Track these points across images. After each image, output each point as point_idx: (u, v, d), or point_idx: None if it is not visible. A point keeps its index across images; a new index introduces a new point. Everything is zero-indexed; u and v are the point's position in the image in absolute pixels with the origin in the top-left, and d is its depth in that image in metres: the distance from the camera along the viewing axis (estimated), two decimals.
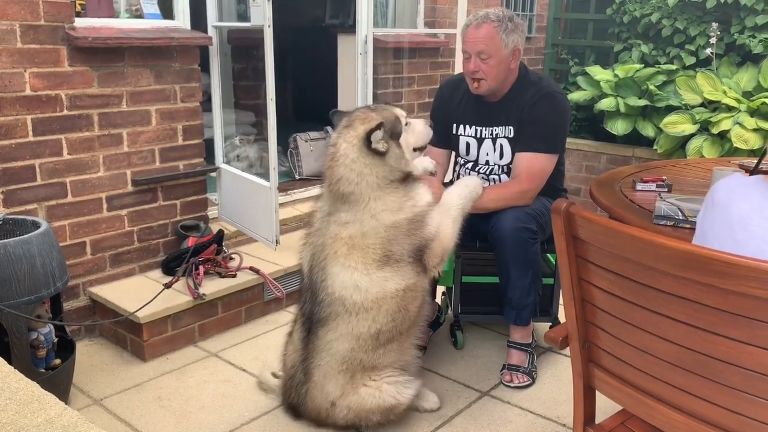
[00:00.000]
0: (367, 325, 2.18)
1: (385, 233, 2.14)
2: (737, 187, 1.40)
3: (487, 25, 2.55)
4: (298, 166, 4.47)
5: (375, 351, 2.23)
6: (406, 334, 2.31)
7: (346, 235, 2.15)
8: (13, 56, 2.59)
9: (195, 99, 3.22)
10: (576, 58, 5.53)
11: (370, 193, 2.14)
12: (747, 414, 1.23)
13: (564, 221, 1.40)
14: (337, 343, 2.22)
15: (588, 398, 1.60)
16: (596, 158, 4.96)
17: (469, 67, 2.61)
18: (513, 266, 2.60)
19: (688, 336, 1.26)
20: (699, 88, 4.36)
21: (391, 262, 2.16)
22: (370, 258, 2.14)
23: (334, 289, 2.17)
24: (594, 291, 1.45)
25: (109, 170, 2.96)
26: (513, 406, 2.57)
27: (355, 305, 2.16)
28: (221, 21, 3.49)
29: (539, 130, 2.63)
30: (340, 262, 2.16)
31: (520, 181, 2.64)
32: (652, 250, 1.23)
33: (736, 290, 1.12)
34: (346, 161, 2.14)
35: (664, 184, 2.40)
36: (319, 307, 2.22)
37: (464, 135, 2.80)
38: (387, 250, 2.14)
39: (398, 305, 2.20)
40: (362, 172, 2.13)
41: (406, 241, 2.17)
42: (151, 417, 2.44)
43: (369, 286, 2.14)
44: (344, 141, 2.16)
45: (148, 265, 3.20)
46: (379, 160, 2.14)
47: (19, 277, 2.19)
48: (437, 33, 4.69)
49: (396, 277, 2.17)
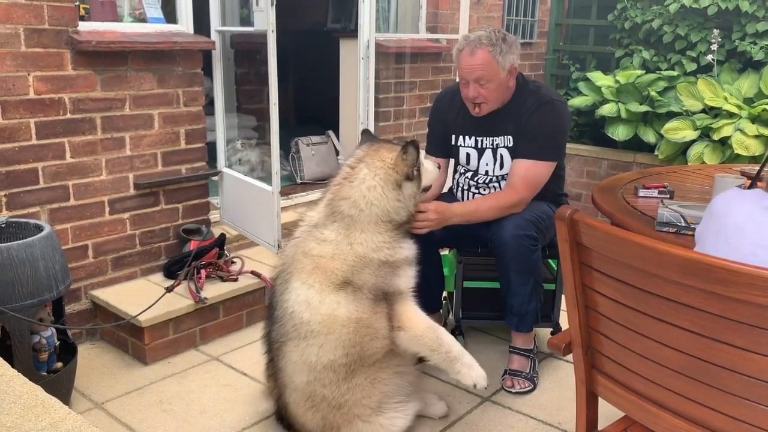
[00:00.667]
0: (316, 352, 2.08)
1: (352, 261, 2.09)
2: (735, 198, 1.42)
3: (481, 51, 2.52)
4: (299, 170, 4.48)
5: (337, 386, 2.12)
6: (375, 367, 2.18)
7: (317, 252, 2.11)
8: (17, 60, 2.60)
9: (198, 103, 3.23)
10: (577, 63, 5.54)
11: (364, 224, 2.12)
12: (749, 421, 1.23)
13: (568, 228, 1.41)
14: (295, 375, 2.15)
15: (591, 405, 1.61)
16: (597, 164, 4.96)
17: (469, 93, 2.59)
18: (514, 273, 2.60)
19: (691, 343, 1.26)
20: (700, 95, 4.37)
21: (349, 289, 2.07)
22: (329, 280, 2.07)
23: (289, 304, 2.11)
24: (597, 298, 1.45)
25: (111, 174, 2.97)
26: (514, 411, 2.57)
27: (302, 324, 2.07)
28: (224, 25, 3.51)
29: (537, 138, 2.63)
30: (302, 278, 2.10)
31: (514, 190, 2.62)
32: (655, 257, 1.24)
33: (739, 298, 1.13)
34: (362, 186, 2.13)
35: (666, 190, 2.40)
36: (277, 326, 2.16)
37: (464, 146, 2.80)
38: (347, 278, 2.07)
39: (350, 339, 2.07)
40: (372, 201, 2.12)
41: (370, 278, 2.10)
42: (152, 421, 2.44)
43: (319, 305, 2.06)
44: (367, 167, 2.15)
45: (149, 268, 3.20)
46: (394, 193, 2.14)
47: (22, 280, 2.19)
48: (439, 38, 4.70)
49: (349, 305, 2.06)
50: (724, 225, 1.41)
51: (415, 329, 2.17)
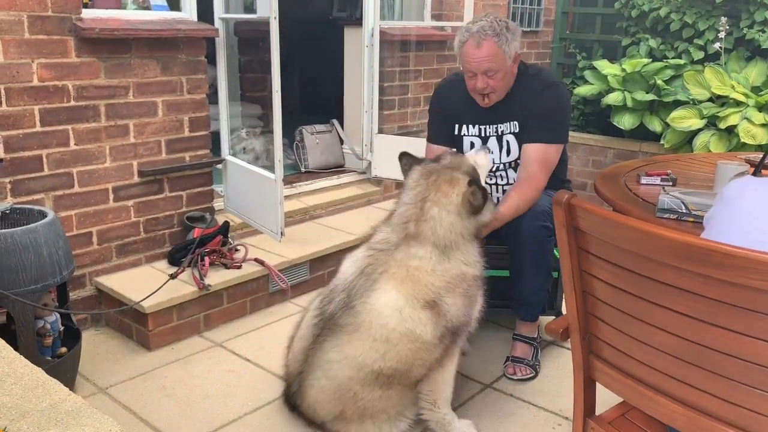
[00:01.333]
0: (375, 357, 2.07)
1: (449, 278, 2.10)
2: (748, 184, 1.41)
3: (487, 42, 2.49)
4: (304, 159, 4.48)
5: (372, 391, 2.13)
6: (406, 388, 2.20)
7: (414, 265, 2.09)
8: (21, 47, 2.61)
9: (201, 91, 3.23)
10: (584, 52, 5.50)
11: (458, 245, 2.13)
12: (745, 405, 1.23)
13: (565, 213, 1.41)
14: (339, 366, 2.13)
15: (588, 390, 1.61)
16: (603, 153, 4.94)
17: (477, 85, 2.56)
18: (528, 263, 2.59)
19: (687, 327, 1.26)
20: (707, 83, 4.34)
21: (435, 311, 2.08)
22: (420, 295, 2.06)
23: (378, 304, 2.08)
24: (595, 282, 1.45)
25: (115, 161, 2.98)
26: (515, 398, 2.58)
27: (382, 327, 2.06)
28: (228, 13, 3.50)
29: (547, 121, 2.62)
30: (394, 284, 2.08)
31: (532, 177, 2.60)
32: (651, 241, 1.24)
33: (734, 281, 1.13)
34: (443, 225, 2.11)
35: (669, 177, 2.39)
36: (347, 313, 2.11)
37: (468, 135, 2.78)
38: (438, 296, 2.08)
39: (408, 357, 2.08)
40: (458, 232, 2.13)
41: (459, 300, 2.11)
42: (156, 405, 2.46)
43: (408, 318, 2.05)
44: (436, 206, 2.12)
45: (154, 255, 3.22)
46: (472, 219, 2.14)
47: (26, 265, 2.21)
48: (444, 26, 4.68)
49: (427, 327, 2.06)
50: (734, 210, 1.40)
51: (444, 375, 2.23)
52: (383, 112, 4.44)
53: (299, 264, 3.39)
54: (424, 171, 2.21)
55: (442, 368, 2.21)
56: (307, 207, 3.99)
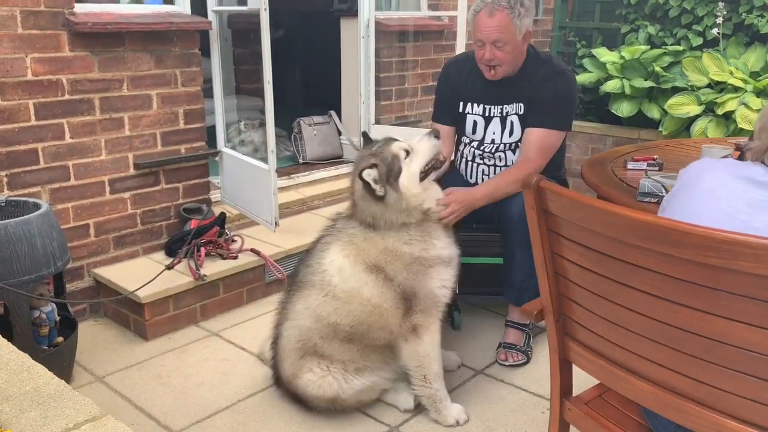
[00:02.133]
0: (329, 311, 2.22)
1: (385, 253, 2.20)
2: (707, 166, 1.42)
3: (500, 12, 2.52)
4: (301, 150, 4.50)
5: (330, 342, 2.27)
6: (369, 347, 2.30)
7: (353, 232, 2.26)
8: (14, 41, 2.65)
9: (196, 83, 3.26)
10: (583, 40, 5.48)
11: (386, 231, 2.22)
12: (710, 383, 1.25)
13: (534, 195, 1.42)
14: (302, 316, 2.29)
15: (564, 371, 1.63)
16: (602, 141, 4.93)
17: (485, 55, 2.59)
18: (519, 248, 2.60)
19: (653, 306, 1.27)
20: (705, 69, 4.32)
21: (380, 275, 2.19)
22: (363, 259, 2.20)
23: (324, 262, 2.26)
24: (566, 264, 1.47)
25: (111, 154, 3.02)
26: (506, 384, 2.60)
27: (329, 285, 2.23)
28: (221, 5, 3.52)
29: (552, 107, 2.64)
30: (342, 247, 2.25)
31: (530, 160, 2.63)
32: (616, 221, 1.25)
33: (694, 260, 1.14)
34: (362, 205, 2.25)
35: (655, 162, 2.40)
36: (305, 271, 2.31)
37: (471, 113, 2.80)
38: (380, 264, 2.19)
39: (362, 317, 2.21)
40: (375, 214, 2.22)
41: (401, 272, 2.20)
42: (151, 393, 2.51)
43: (349, 277, 2.20)
44: (356, 183, 2.25)
45: (151, 247, 3.26)
46: (382, 204, 2.20)
47: (20, 256, 2.25)
48: (441, 16, 4.68)
49: (374, 290, 2.19)
50: (694, 191, 1.41)
51: (424, 347, 2.28)
52: (380, 103, 4.46)
53: (295, 254, 3.41)
54: (356, 158, 2.41)
55: (419, 339, 2.27)
56: (304, 198, 4.02)
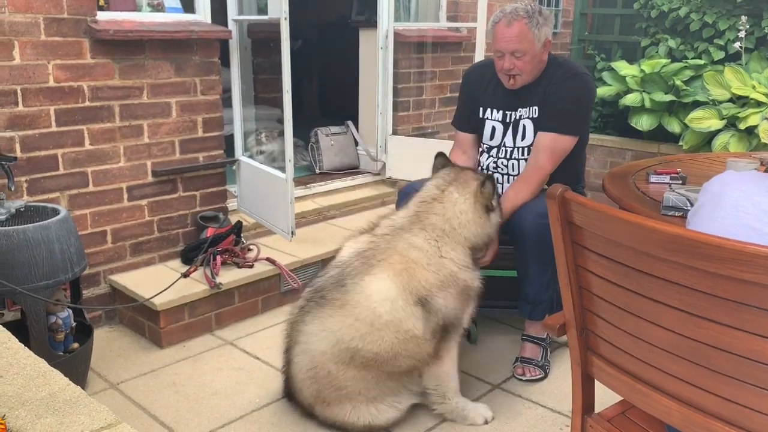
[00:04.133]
0: (353, 335, 2.12)
1: (442, 276, 2.15)
2: (731, 179, 1.40)
3: (518, 22, 2.53)
4: (318, 160, 4.50)
5: (345, 370, 2.17)
6: (386, 375, 2.22)
7: (412, 256, 2.15)
8: (38, 48, 2.67)
9: (215, 92, 3.27)
10: (602, 53, 5.45)
11: (455, 243, 2.20)
12: (738, 401, 1.21)
13: (559, 207, 1.40)
14: (317, 339, 2.18)
15: (587, 387, 1.59)
16: (621, 154, 4.89)
17: (504, 65, 2.60)
18: (533, 261, 2.58)
19: (680, 322, 1.24)
20: (727, 83, 4.27)
21: (425, 309, 2.13)
22: (414, 289, 2.12)
23: (367, 288, 2.12)
24: (590, 277, 1.44)
25: (129, 161, 3.03)
26: (524, 399, 2.56)
27: (368, 311, 2.11)
28: (241, 14, 3.54)
29: (565, 111, 2.62)
30: (389, 274, 2.13)
31: (540, 167, 2.62)
32: (643, 234, 1.22)
33: (724, 274, 1.11)
34: (455, 207, 2.24)
35: (679, 176, 2.36)
36: (336, 289, 2.17)
37: (490, 119, 2.80)
38: (431, 295, 2.13)
39: (392, 346, 2.13)
40: (463, 223, 2.22)
41: (449, 302, 2.17)
42: (165, 401, 2.49)
43: (395, 309, 2.10)
44: (457, 191, 2.26)
45: (167, 254, 3.26)
46: (482, 219, 2.24)
47: (38, 261, 2.25)
48: (459, 27, 4.68)
49: (418, 323, 2.12)
50: (719, 204, 1.38)
51: (444, 368, 2.28)
52: (398, 114, 4.45)
53: (311, 264, 3.41)
54: (454, 169, 2.37)
55: (441, 362, 2.25)
56: (320, 208, 4.01)
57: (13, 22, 2.58)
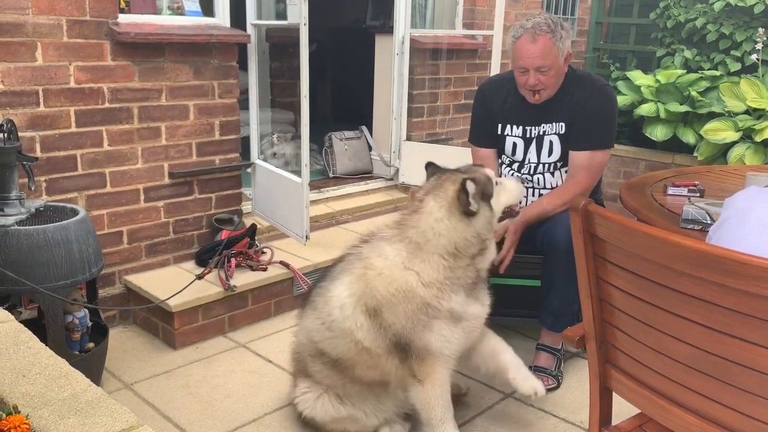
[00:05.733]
0: (320, 338, 2.18)
1: (394, 290, 2.03)
2: (757, 195, 1.39)
3: (542, 38, 2.49)
4: (332, 165, 4.51)
5: (313, 363, 2.24)
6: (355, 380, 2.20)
7: (373, 264, 2.09)
8: (59, 50, 2.70)
9: (232, 95, 3.29)
10: (617, 62, 5.45)
11: (428, 254, 2.05)
12: (760, 418, 1.21)
13: (582, 219, 1.40)
14: (302, 332, 2.30)
15: (604, 399, 1.60)
16: (635, 164, 4.87)
17: (529, 81, 2.57)
18: (561, 274, 2.54)
19: (704, 337, 1.24)
20: (743, 95, 4.26)
21: (376, 320, 2.06)
22: (366, 300, 2.06)
23: (331, 293, 2.15)
24: (611, 290, 1.44)
25: (147, 162, 3.05)
26: (536, 408, 2.55)
27: (328, 316, 2.14)
28: (260, 19, 3.56)
29: (595, 126, 2.62)
30: (348, 280, 2.12)
31: (578, 183, 2.62)
32: (667, 249, 1.22)
33: (751, 291, 1.11)
34: (429, 218, 2.06)
35: (697, 188, 2.36)
36: (316, 290, 2.26)
37: (511, 135, 2.78)
38: (381, 308, 2.04)
39: (349, 355, 2.11)
40: (440, 233, 2.04)
41: (400, 319, 2.04)
42: (178, 403, 2.50)
43: (347, 317, 2.08)
44: (433, 199, 2.09)
45: (182, 256, 3.28)
46: (462, 225, 2.04)
47: (57, 261, 2.27)
48: (475, 34, 4.69)
49: (367, 334, 2.06)
50: (745, 221, 1.38)
51: (426, 395, 2.12)
52: (412, 120, 4.46)
53: (324, 268, 3.39)
54: (439, 175, 2.18)
55: (422, 386, 2.11)
56: (334, 212, 4.02)
57: (36, 23, 2.61)
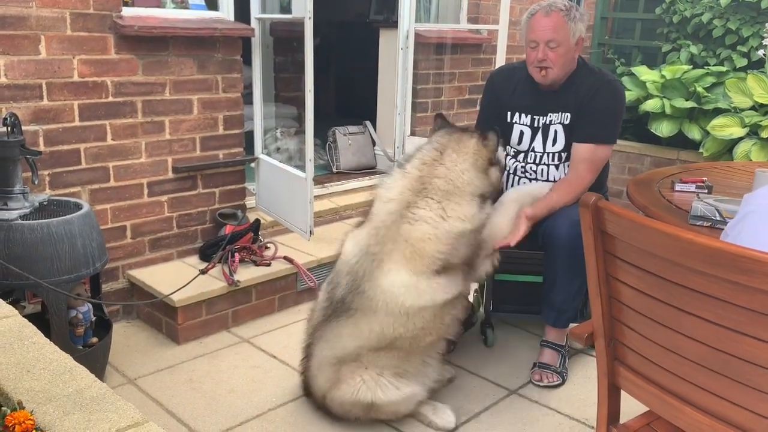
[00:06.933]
0: (393, 328, 2.15)
1: (448, 240, 2.17)
2: None
3: (556, 13, 2.54)
4: (335, 160, 4.50)
5: (377, 351, 2.21)
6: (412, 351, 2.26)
7: (414, 236, 2.14)
8: (63, 43, 2.68)
9: (236, 89, 3.27)
10: (623, 58, 5.42)
11: (459, 198, 2.22)
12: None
13: (592, 215, 1.38)
14: (348, 338, 2.20)
15: (612, 397, 1.58)
16: (639, 160, 4.86)
17: (537, 55, 2.59)
18: (563, 270, 2.56)
19: (715, 335, 1.23)
20: (749, 91, 4.23)
21: (447, 271, 2.18)
22: (429, 266, 2.14)
23: (385, 285, 2.13)
24: (621, 287, 1.42)
25: (150, 157, 3.04)
26: (541, 405, 2.54)
27: (400, 306, 2.12)
28: (264, 13, 3.54)
29: (600, 120, 2.62)
30: (401, 262, 2.13)
31: (581, 175, 2.62)
32: (680, 246, 1.21)
33: (764, 288, 1.09)
34: (456, 168, 2.25)
35: (705, 185, 2.34)
36: (357, 297, 2.16)
37: (519, 123, 2.78)
38: (446, 260, 2.16)
39: (435, 315, 2.19)
40: (467, 182, 2.25)
41: (465, 250, 2.23)
42: (182, 398, 2.50)
43: (424, 291, 2.13)
44: (456, 152, 2.28)
45: (186, 251, 3.27)
46: (482, 176, 2.28)
47: (61, 255, 2.26)
48: (480, 29, 4.66)
49: (449, 286, 2.19)
50: (763, 219, 1.36)
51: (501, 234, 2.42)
52: (416, 115, 4.44)
53: (328, 263, 3.39)
54: (450, 130, 2.39)
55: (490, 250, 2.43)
56: (337, 207, 4.01)
57: (40, 16, 2.59)
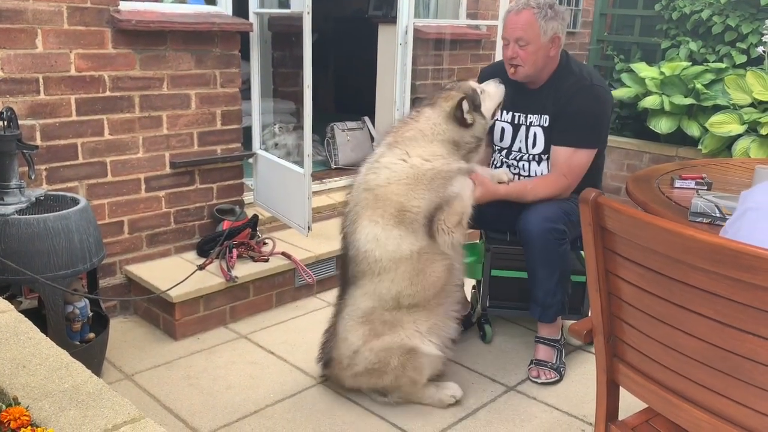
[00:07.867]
0: (387, 286, 2.27)
1: (405, 179, 2.24)
2: None
3: (526, 11, 2.56)
4: (334, 155, 4.49)
5: (398, 311, 2.31)
6: (434, 301, 2.35)
7: (374, 183, 2.28)
8: (60, 37, 2.66)
9: (234, 84, 3.26)
10: (622, 54, 5.41)
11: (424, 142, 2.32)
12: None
13: (592, 211, 1.38)
14: (362, 299, 2.33)
15: (611, 394, 1.58)
16: (638, 157, 4.85)
17: (507, 53, 2.62)
18: (540, 266, 2.58)
19: (715, 332, 1.22)
20: (749, 88, 4.22)
21: (406, 222, 2.24)
22: (389, 212, 2.23)
23: (361, 243, 2.27)
24: (621, 284, 1.42)
25: (148, 152, 3.02)
26: (538, 401, 2.54)
27: (376, 262, 2.25)
28: (262, 7, 3.52)
29: (577, 125, 2.59)
30: (367, 215, 2.27)
31: (560, 177, 2.62)
32: (681, 242, 1.20)
33: (765, 285, 1.09)
34: (428, 122, 2.36)
35: (704, 181, 2.33)
36: (353, 264, 2.32)
37: (500, 120, 2.79)
38: (403, 205, 2.23)
39: (414, 268, 2.27)
40: (437, 132, 2.35)
41: (424, 196, 2.25)
42: (179, 394, 2.49)
43: (386, 241, 2.23)
44: (430, 109, 2.40)
45: (183, 246, 3.26)
46: (463, 129, 2.37)
47: (57, 250, 2.25)
48: (479, 24, 4.65)
49: (410, 237, 2.25)
50: (761, 215, 1.35)
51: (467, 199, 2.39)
52: None
53: (326, 259, 3.39)
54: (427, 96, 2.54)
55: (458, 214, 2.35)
56: (335, 203, 3.99)
57: (36, 10, 2.58)
